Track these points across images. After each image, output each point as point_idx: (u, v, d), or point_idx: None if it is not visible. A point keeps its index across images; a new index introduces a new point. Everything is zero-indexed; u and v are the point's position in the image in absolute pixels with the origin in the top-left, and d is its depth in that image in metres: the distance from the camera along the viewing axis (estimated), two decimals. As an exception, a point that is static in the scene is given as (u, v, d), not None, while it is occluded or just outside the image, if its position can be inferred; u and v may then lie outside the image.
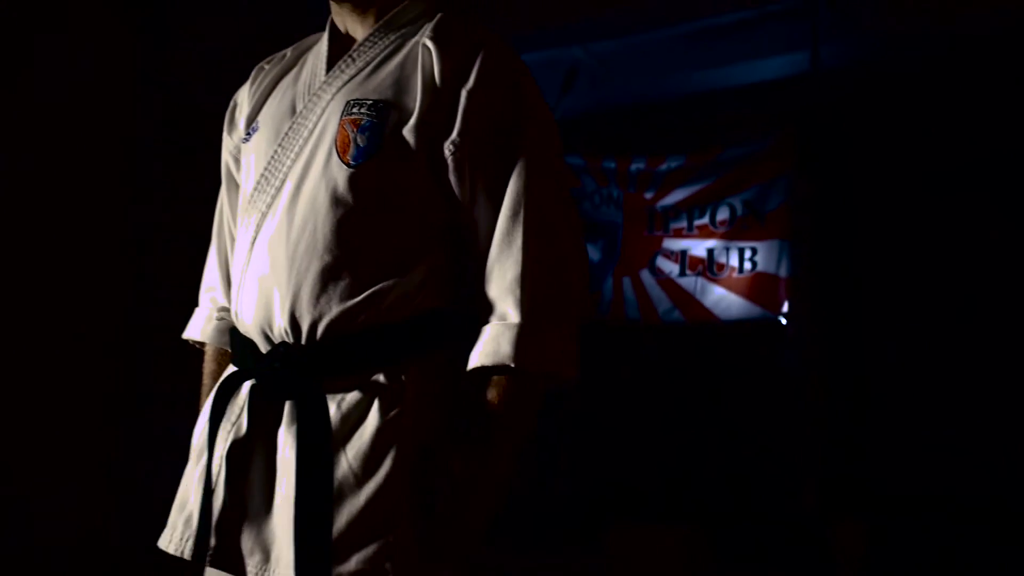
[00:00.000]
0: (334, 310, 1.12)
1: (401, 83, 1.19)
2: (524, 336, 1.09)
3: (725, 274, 4.76)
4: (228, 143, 1.40)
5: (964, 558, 4.41)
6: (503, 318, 1.11)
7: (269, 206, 1.19)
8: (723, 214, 4.81)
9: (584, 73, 5.09)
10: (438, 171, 1.16)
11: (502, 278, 1.12)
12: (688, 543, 4.29)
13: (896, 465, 6.12)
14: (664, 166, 4.94)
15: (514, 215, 1.13)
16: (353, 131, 1.15)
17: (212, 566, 1.15)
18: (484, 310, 1.14)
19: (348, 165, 1.14)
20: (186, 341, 1.45)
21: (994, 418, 4.73)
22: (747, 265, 4.72)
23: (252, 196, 1.23)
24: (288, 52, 1.38)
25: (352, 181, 1.14)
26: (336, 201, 1.14)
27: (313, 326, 1.13)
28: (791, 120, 4.77)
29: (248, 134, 1.31)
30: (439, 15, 1.25)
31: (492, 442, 1.11)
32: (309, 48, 1.35)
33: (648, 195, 4.97)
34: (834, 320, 4.69)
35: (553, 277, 1.14)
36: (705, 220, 4.86)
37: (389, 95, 1.18)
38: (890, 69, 5.14)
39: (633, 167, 5.02)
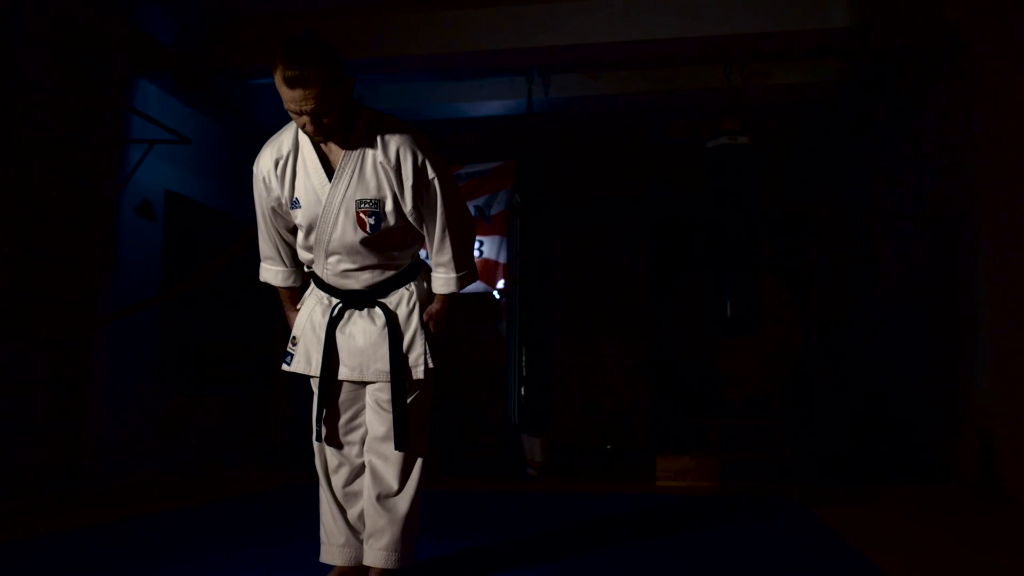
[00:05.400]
0: (375, 278, 2.56)
1: (378, 186, 2.47)
2: (456, 281, 2.61)
3: (461, 259, 6.54)
4: (268, 198, 2.55)
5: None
6: (445, 271, 2.62)
7: (328, 239, 2.49)
8: (461, 215, 6.61)
9: (361, 96, 6.58)
10: (407, 217, 2.53)
11: (443, 255, 2.60)
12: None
13: (567, 392, 8.44)
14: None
15: (443, 228, 2.59)
16: (366, 217, 2.49)
17: (326, 383, 2.55)
18: (436, 267, 2.61)
19: (367, 232, 2.49)
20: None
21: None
22: (476, 254, 6.47)
23: (315, 233, 2.49)
24: (284, 153, 2.50)
25: (367, 239, 2.49)
26: (362, 241, 2.49)
27: (367, 285, 2.55)
28: (513, 150, 6.63)
29: (294, 204, 2.52)
30: (377, 135, 2.45)
31: (439, 313, 2.60)
32: (297, 151, 2.49)
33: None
34: (533, 294, 6.58)
35: (464, 255, 2.65)
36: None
37: (376, 195, 2.48)
38: (576, 119, 7.27)
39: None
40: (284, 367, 2.62)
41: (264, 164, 2.53)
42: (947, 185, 5.82)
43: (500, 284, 6.65)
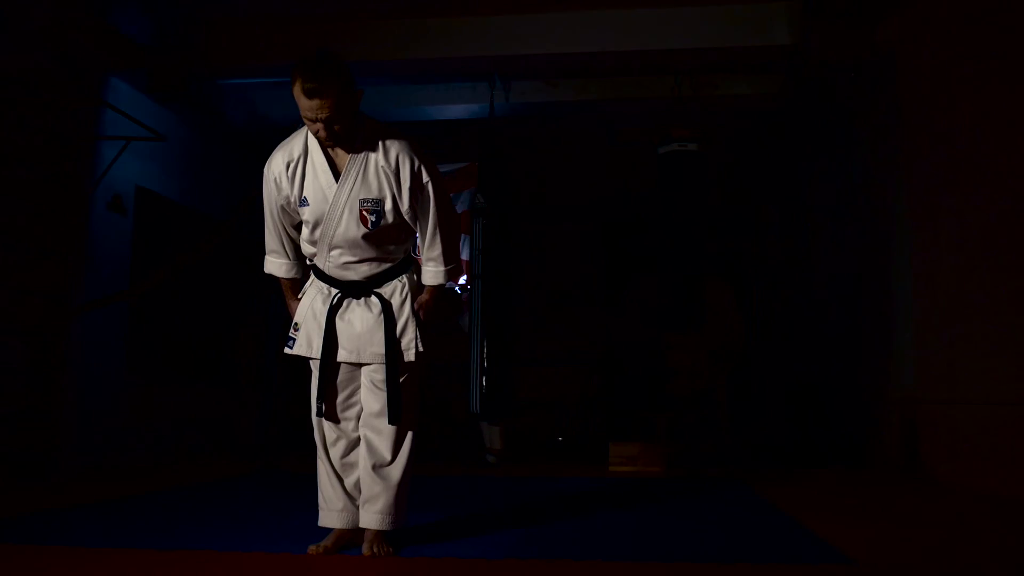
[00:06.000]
0: (374, 269, 2.87)
1: (379, 187, 2.80)
2: (444, 274, 2.93)
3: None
4: (277, 196, 2.84)
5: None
6: (435, 265, 2.94)
7: (333, 234, 2.79)
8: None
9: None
10: (403, 215, 2.87)
11: (433, 251, 2.92)
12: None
13: (524, 384, 8.76)
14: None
15: (435, 226, 2.93)
16: (368, 215, 2.81)
17: (327, 363, 2.84)
18: (427, 261, 2.92)
19: (369, 228, 2.80)
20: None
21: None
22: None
23: (320, 232, 2.79)
24: (296, 156, 2.81)
25: (368, 234, 2.80)
26: (364, 236, 2.79)
27: (366, 276, 2.86)
28: (476, 152, 6.95)
29: (303, 203, 2.82)
30: (379, 142, 2.79)
31: (428, 302, 2.91)
32: (307, 154, 2.80)
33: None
34: (494, 290, 6.91)
35: (452, 252, 2.97)
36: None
37: (377, 195, 2.80)
38: (535, 123, 7.61)
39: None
40: (287, 351, 2.91)
41: (276, 166, 2.83)
42: (877, 191, 6.30)
43: (462, 280, 6.97)
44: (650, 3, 5.98)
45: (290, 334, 2.92)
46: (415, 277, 2.95)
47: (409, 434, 2.87)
